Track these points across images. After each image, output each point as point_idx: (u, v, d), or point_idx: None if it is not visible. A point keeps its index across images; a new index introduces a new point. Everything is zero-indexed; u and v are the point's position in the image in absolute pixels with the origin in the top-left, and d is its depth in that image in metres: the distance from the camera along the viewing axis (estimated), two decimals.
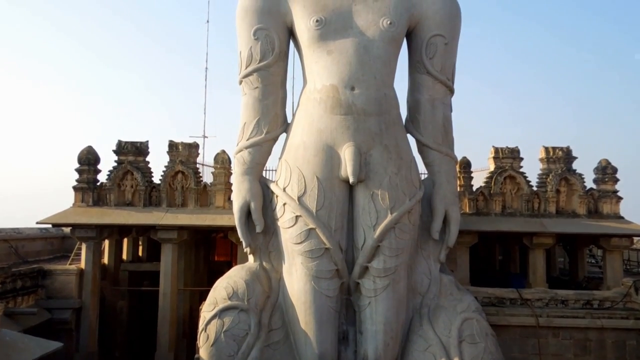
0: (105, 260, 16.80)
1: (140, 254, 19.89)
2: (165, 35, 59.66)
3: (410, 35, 10.87)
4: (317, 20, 10.14)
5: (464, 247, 14.56)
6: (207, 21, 24.68)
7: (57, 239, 21.88)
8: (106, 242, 16.72)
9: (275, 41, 10.46)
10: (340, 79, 9.88)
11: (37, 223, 14.60)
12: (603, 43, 57.31)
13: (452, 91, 11.03)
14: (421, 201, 10.47)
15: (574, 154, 15.51)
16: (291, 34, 10.78)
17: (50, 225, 15.66)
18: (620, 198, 15.26)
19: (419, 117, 10.80)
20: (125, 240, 18.37)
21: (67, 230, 18.19)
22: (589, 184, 15.46)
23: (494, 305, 13.27)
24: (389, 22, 10.19)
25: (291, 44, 11.00)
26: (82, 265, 14.80)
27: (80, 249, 15.49)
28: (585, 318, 13.19)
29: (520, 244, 15.63)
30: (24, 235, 19.61)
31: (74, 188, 15.22)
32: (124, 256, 18.57)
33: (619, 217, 15.11)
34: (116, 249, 17.11)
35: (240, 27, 10.64)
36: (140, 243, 19.89)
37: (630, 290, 13.49)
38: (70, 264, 15.73)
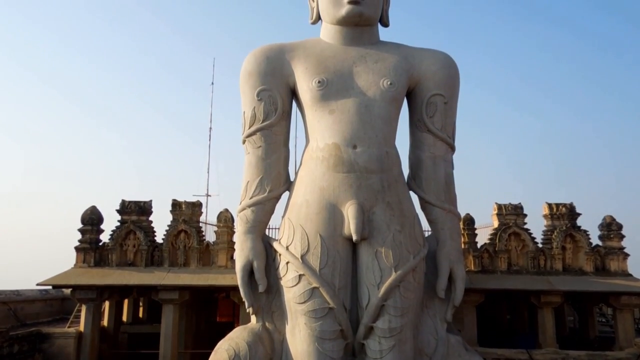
0: (105, 322, 16.49)
1: (140, 315, 19.54)
2: (169, 95, 61.15)
3: (410, 94, 11.11)
4: (319, 82, 10.39)
5: (471, 306, 14.28)
6: (212, 83, 25.53)
7: (57, 301, 21.59)
8: (106, 304, 16.46)
9: (278, 101, 10.69)
10: (342, 138, 10.01)
11: (37, 285, 14.45)
12: (602, 100, 58.36)
13: (453, 149, 11.15)
14: (425, 259, 10.35)
15: (578, 210, 15.48)
16: (294, 94, 11.02)
17: (50, 287, 15.47)
18: (627, 255, 15.09)
19: (420, 174, 10.86)
20: (125, 302, 18.09)
21: (67, 291, 17.97)
22: (594, 240, 15.33)
23: None
24: (389, 83, 10.43)
25: (294, 103, 11.23)
26: (81, 327, 14.51)
27: (79, 310, 15.26)
28: None
29: (528, 302, 15.33)
30: (23, 297, 19.36)
31: (76, 248, 15.16)
32: (124, 318, 18.23)
33: (627, 275, 14.89)
34: (116, 311, 16.83)
35: (243, 88, 10.91)
36: (140, 304, 19.58)
37: None
38: (69, 327, 15.44)
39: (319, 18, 11.67)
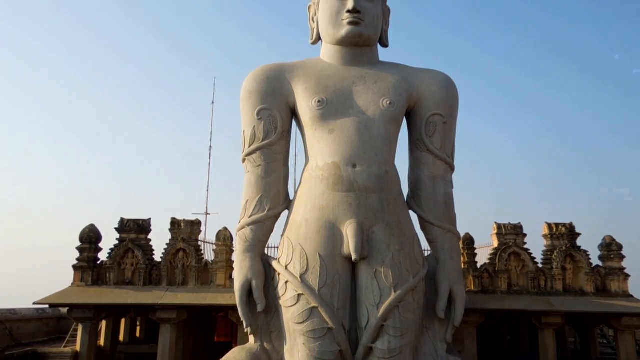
0: (102, 342, 16.32)
1: (137, 335, 19.36)
2: (169, 114, 61.34)
3: (409, 114, 11.18)
4: (319, 101, 10.45)
5: (471, 327, 14.16)
6: (212, 102, 25.70)
7: (53, 320, 21.41)
8: (103, 323, 16.31)
9: (278, 121, 10.74)
10: (342, 157, 10.04)
11: (34, 303, 14.33)
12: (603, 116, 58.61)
13: (452, 168, 11.17)
14: (425, 279, 10.29)
15: (577, 230, 15.44)
16: (293, 113, 11.08)
17: (47, 306, 15.35)
18: (627, 275, 15.02)
19: (420, 194, 10.86)
20: (122, 321, 17.94)
21: (64, 310, 17.84)
22: (594, 261, 15.27)
23: None
24: (388, 102, 10.50)
25: (293, 122, 11.27)
26: (78, 347, 14.36)
27: (76, 330, 15.13)
28: None
29: (528, 323, 15.21)
30: (20, 316, 19.20)
31: (74, 267, 15.08)
32: (121, 337, 18.05)
33: (628, 296, 14.80)
34: (113, 330, 16.67)
35: (244, 107, 10.97)
36: (138, 323, 19.40)
37: None
38: (65, 347, 15.28)
39: (319, 38, 11.79)
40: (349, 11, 10.83)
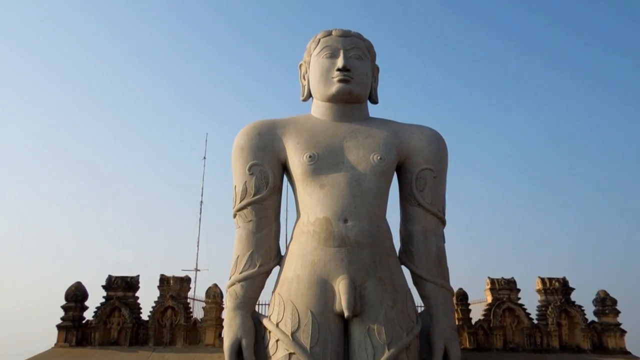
0: None
1: None
2: (160, 170, 61.41)
3: (400, 169, 11.31)
4: (310, 156, 10.55)
5: None
6: (204, 157, 25.91)
7: None
8: None
9: (269, 176, 10.80)
10: (333, 212, 10.04)
11: None
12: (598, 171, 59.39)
13: (443, 222, 11.19)
14: (419, 336, 10.09)
15: (571, 284, 15.30)
16: (285, 168, 11.16)
17: None
18: (624, 331, 14.79)
19: (412, 249, 10.82)
20: None
21: None
22: (589, 316, 15.06)
23: None
24: (379, 158, 10.62)
25: (285, 178, 11.33)
26: None
27: None
28: None
29: None
30: None
31: (58, 327, 14.62)
32: None
33: (625, 353, 14.52)
34: None
35: (235, 162, 11.05)
36: None
37: None
38: None
39: (309, 95, 12.06)
40: (339, 69, 11.15)
